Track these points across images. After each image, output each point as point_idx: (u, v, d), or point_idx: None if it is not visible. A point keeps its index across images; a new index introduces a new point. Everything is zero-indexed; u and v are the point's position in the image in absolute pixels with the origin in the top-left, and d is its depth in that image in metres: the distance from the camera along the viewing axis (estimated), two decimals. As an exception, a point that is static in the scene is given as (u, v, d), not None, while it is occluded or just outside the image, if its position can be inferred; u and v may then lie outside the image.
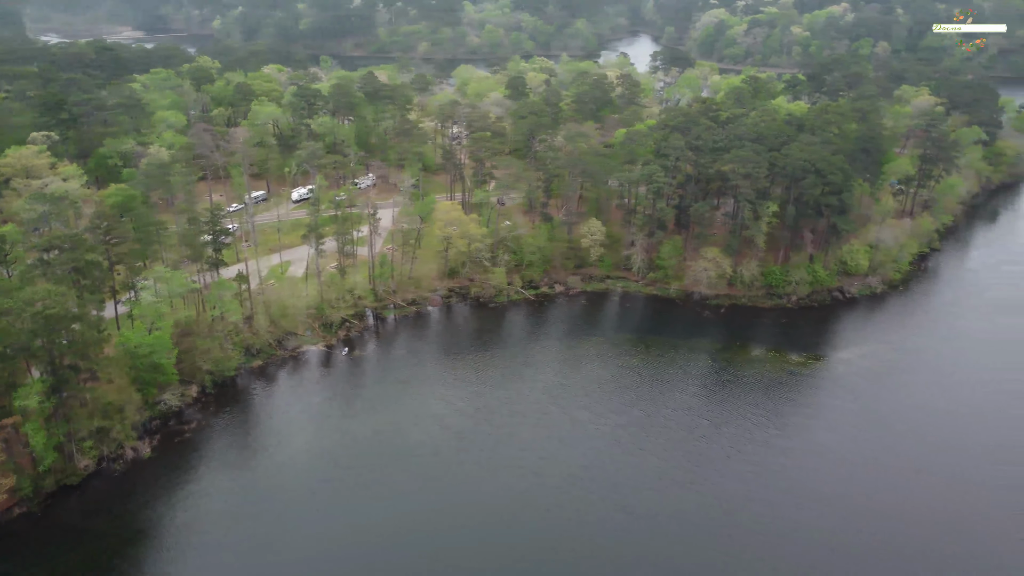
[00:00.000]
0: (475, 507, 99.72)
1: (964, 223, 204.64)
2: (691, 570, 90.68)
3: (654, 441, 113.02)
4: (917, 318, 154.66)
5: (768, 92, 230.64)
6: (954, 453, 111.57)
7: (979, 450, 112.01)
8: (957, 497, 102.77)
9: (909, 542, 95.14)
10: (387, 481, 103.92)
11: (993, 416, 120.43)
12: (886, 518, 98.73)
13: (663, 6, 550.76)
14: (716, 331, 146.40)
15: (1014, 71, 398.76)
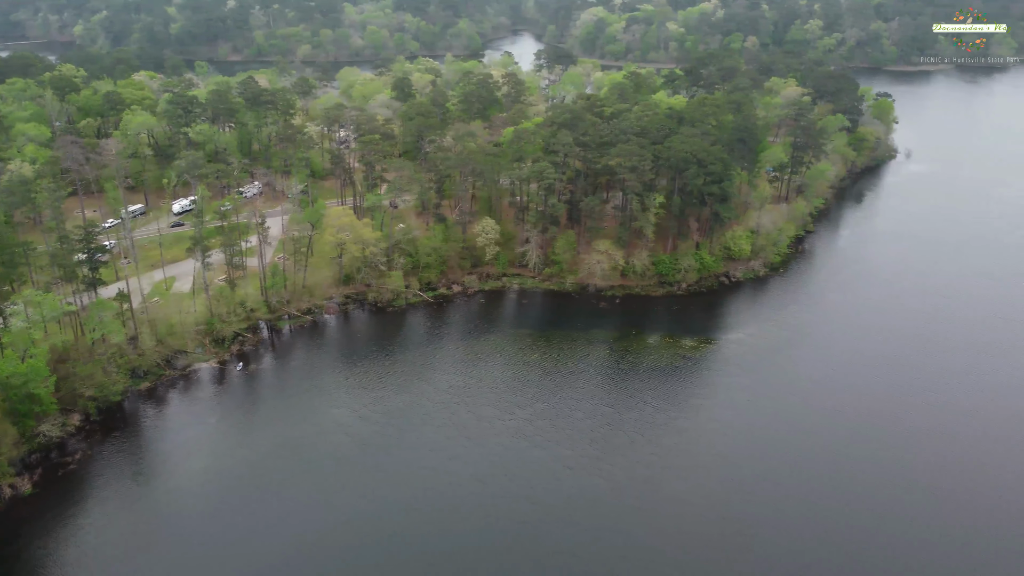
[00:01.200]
0: (386, 513, 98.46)
1: (834, 205, 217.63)
2: (604, 555, 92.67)
3: (560, 432, 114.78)
4: (797, 296, 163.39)
5: (649, 87, 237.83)
6: (836, 418, 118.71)
7: (856, 414, 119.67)
8: (839, 457, 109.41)
9: (798, 503, 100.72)
10: (292, 496, 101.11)
11: (865, 383, 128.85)
12: (779, 483, 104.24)
13: (543, 5, 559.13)
14: (612, 321, 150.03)
15: (870, 61, 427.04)
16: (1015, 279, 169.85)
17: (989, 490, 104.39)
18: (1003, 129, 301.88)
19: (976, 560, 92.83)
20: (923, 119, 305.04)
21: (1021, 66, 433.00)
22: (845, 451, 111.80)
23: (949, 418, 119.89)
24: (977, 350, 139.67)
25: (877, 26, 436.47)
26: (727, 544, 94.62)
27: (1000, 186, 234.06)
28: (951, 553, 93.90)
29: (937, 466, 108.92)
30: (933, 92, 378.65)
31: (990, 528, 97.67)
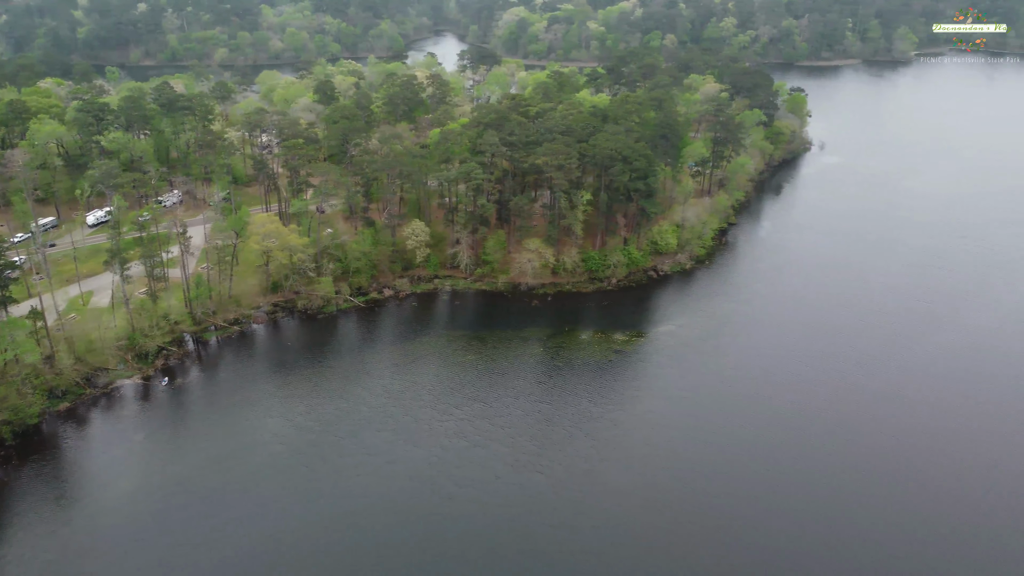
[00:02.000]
0: (327, 521, 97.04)
1: (754, 197, 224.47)
2: (549, 550, 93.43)
3: (499, 431, 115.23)
4: (723, 287, 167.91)
5: (572, 86, 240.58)
6: (763, 404, 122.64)
7: (782, 400, 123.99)
8: (768, 442, 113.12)
9: (731, 489, 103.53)
10: (227, 511, 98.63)
11: (789, 369, 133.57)
12: (712, 470, 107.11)
13: (465, 5, 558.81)
14: (545, 319, 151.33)
15: (783, 57, 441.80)
16: (926, 264, 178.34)
17: (910, 468, 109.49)
18: (907, 120, 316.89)
19: (902, 534, 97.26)
20: (834, 112, 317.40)
21: (921, 60, 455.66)
22: (773, 436, 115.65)
23: (871, 400, 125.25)
24: (893, 333, 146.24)
25: (788, 23, 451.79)
26: (666, 532, 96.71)
27: (907, 174, 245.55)
28: (878, 529, 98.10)
29: (862, 447, 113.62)
30: (842, 86, 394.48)
31: (909, 502, 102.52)
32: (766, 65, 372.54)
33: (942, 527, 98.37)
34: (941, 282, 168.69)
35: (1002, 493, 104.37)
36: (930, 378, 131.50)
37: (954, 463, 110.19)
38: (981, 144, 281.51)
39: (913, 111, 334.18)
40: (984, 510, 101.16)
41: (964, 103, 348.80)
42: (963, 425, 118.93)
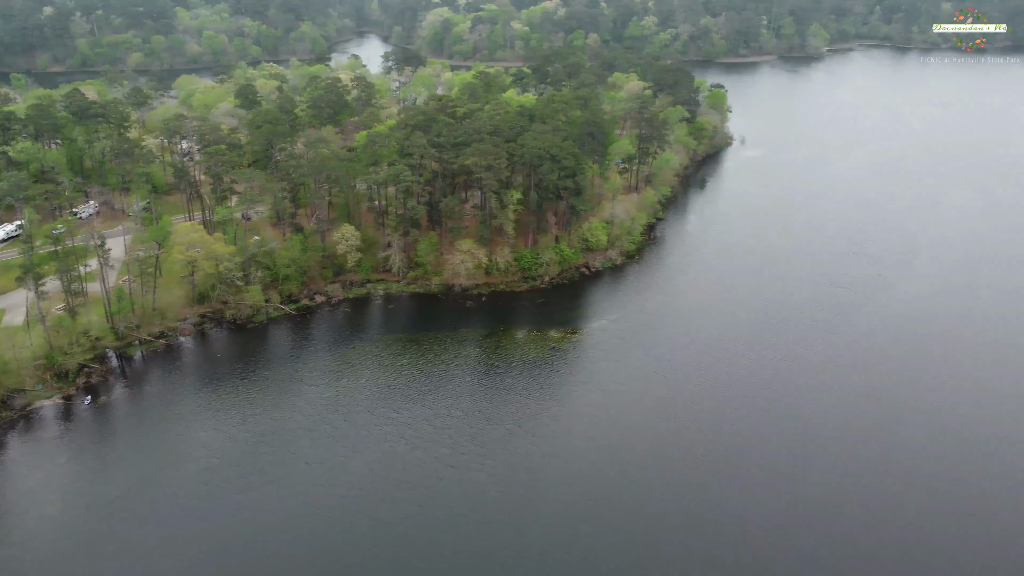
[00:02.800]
0: (267, 533, 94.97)
1: (681, 192, 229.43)
2: (493, 549, 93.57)
3: (439, 432, 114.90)
4: (653, 281, 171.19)
5: (499, 86, 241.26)
6: (697, 392, 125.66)
7: (715, 387, 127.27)
8: (703, 430, 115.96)
9: (667, 478, 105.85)
10: (161, 529, 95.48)
11: (721, 357, 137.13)
12: (649, 460, 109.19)
13: (388, 6, 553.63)
14: (480, 320, 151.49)
15: (702, 54, 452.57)
16: (845, 250, 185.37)
17: (842, 446, 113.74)
18: (822, 113, 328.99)
19: (831, 516, 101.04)
20: (753, 107, 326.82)
21: (833, 55, 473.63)
22: (708, 423, 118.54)
23: (802, 383, 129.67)
24: (818, 318, 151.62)
25: (707, 21, 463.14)
26: (610, 525, 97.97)
27: (823, 165, 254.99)
28: (810, 512, 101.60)
29: (794, 428, 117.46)
30: (760, 82, 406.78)
31: (842, 479, 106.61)
32: (687, 62, 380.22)
33: (864, 495, 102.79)
34: (860, 267, 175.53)
35: (917, 468, 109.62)
36: (854, 359, 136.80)
37: (878, 438, 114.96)
38: (890, 133, 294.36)
39: (827, 104, 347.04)
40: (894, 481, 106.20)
41: (872, 95, 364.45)
42: (888, 399, 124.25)
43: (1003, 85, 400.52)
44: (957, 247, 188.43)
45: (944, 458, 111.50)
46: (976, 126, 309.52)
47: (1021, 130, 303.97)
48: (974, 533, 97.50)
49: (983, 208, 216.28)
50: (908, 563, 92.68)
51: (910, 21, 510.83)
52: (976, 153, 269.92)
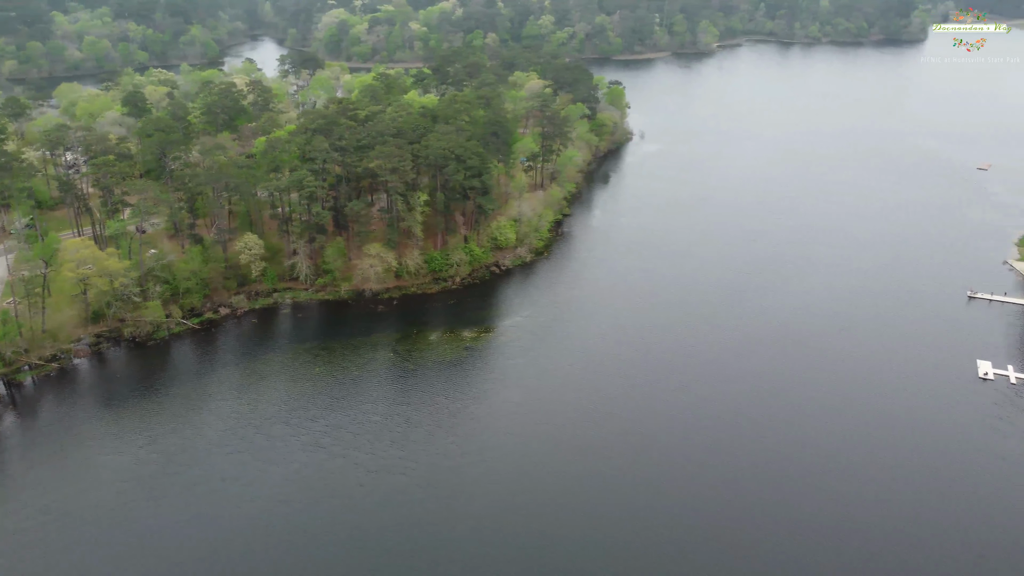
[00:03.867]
0: (186, 555, 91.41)
1: (585, 188, 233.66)
2: (420, 551, 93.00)
3: (359, 438, 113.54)
4: (562, 276, 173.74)
5: (400, 87, 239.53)
6: (610, 380, 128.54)
7: (627, 376, 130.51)
8: (619, 418, 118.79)
9: (587, 469, 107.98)
10: (71, 561, 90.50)
11: (631, 346, 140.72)
12: (567, 452, 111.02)
13: (281, 8, 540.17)
14: (393, 324, 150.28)
15: (599, 52, 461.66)
16: (743, 237, 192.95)
17: (756, 425, 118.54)
18: (715, 106, 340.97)
19: (749, 497, 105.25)
20: (651, 103, 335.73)
21: (723, 50, 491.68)
22: (624, 411, 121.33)
23: (714, 363, 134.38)
24: (723, 299, 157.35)
25: (602, 19, 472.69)
26: (532, 518, 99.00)
27: (719, 156, 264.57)
28: (729, 494, 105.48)
29: (711, 412, 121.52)
30: (656, 78, 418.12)
31: (760, 461, 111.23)
32: (584, 60, 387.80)
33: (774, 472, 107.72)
34: (758, 252, 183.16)
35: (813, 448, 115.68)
36: (763, 340, 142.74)
37: (790, 415, 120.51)
38: (779, 124, 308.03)
39: (720, 98, 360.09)
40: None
41: (761, 88, 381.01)
42: (797, 374, 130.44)
43: (877, 75, 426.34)
44: (846, 229, 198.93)
45: (849, 431, 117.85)
46: (855, 114, 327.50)
47: (892, 116, 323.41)
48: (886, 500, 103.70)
49: (864, 191, 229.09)
50: (833, 542, 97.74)
51: (792, 17, 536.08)
52: (855, 139, 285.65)
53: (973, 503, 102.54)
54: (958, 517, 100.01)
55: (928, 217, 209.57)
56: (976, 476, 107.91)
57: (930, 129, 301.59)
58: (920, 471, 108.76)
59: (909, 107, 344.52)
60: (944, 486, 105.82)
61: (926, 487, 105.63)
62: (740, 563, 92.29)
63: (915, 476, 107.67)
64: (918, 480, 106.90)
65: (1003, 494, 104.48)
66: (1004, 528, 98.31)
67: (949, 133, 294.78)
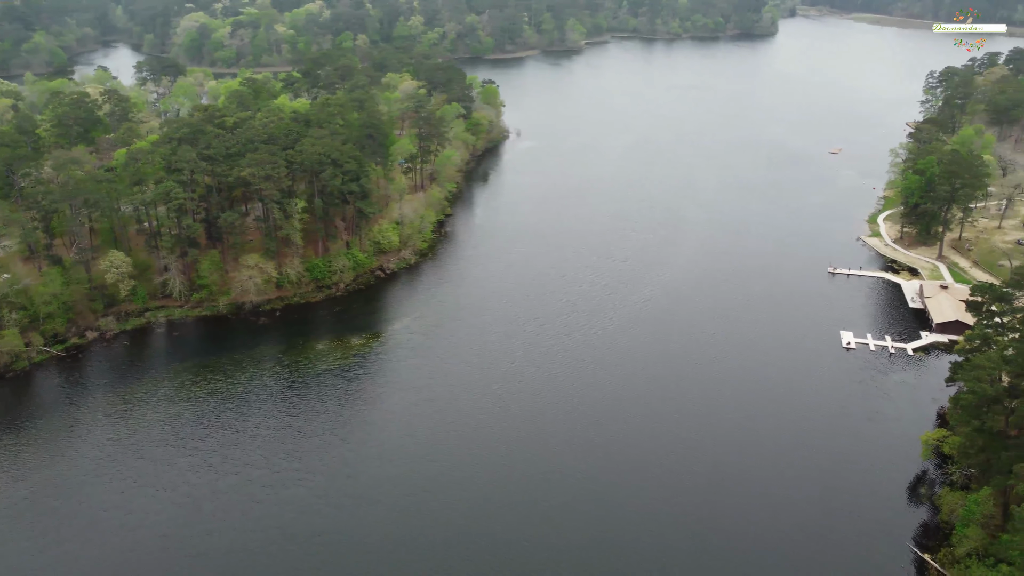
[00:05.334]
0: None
1: (465, 187, 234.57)
2: (320, 561, 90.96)
3: (251, 454, 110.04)
4: (448, 275, 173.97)
5: (269, 92, 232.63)
6: (499, 374, 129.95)
7: (515, 368, 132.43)
8: (509, 409, 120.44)
9: (483, 459, 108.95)
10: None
11: (517, 339, 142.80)
12: (463, 446, 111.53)
13: (135, 12, 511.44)
14: (277, 336, 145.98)
15: (471, 52, 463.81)
16: (619, 227, 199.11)
17: (642, 408, 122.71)
18: (586, 101, 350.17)
19: (643, 479, 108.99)
20: (525, 100, 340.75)
21: (591, 47, 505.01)
22: (519, 406, 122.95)
23: (599, 349, 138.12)
24: (604, 287, 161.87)
25: (472, 19, 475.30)
26: (432, 515, 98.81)
27: (592, 150, 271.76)
28: (622, 478, 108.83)
29: (600, 398, 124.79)
30: (528, 75, 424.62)
31: (651, 445, 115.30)
32: (457, 60, 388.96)
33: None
34: (634, 241, 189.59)
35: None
36: (640, 326, 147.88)
37: (675, 395, 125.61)
38: (646, 117, 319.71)
39: (590, 93, 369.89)
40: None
41: (628, 83, 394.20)
42: (677, 355, 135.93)
43: (734, 68, 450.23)
44: (712, 214, 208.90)
45: (730, 403, 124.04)
46: (714, 105, 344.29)
47: (750, 106, 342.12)
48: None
49: (727, 178, 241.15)
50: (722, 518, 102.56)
51: (654, 14, 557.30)
52: (717, 129, 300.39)
53: (850, 458, 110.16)
54: (835, 471, 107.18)
55: (787, 200, 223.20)
56: (849, 434, 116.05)
57: (784, 117, 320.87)
58: (798, 434, 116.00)
59: (765, 97, 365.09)
60: (820, 444, 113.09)
61: (805, 448, 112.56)
62: (629, 531, 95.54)
63: (793, 439, 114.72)
64: (797, 442, 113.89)
65: (874, 448, 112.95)
66: (875, 472, 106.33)
67: (802, 121, 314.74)
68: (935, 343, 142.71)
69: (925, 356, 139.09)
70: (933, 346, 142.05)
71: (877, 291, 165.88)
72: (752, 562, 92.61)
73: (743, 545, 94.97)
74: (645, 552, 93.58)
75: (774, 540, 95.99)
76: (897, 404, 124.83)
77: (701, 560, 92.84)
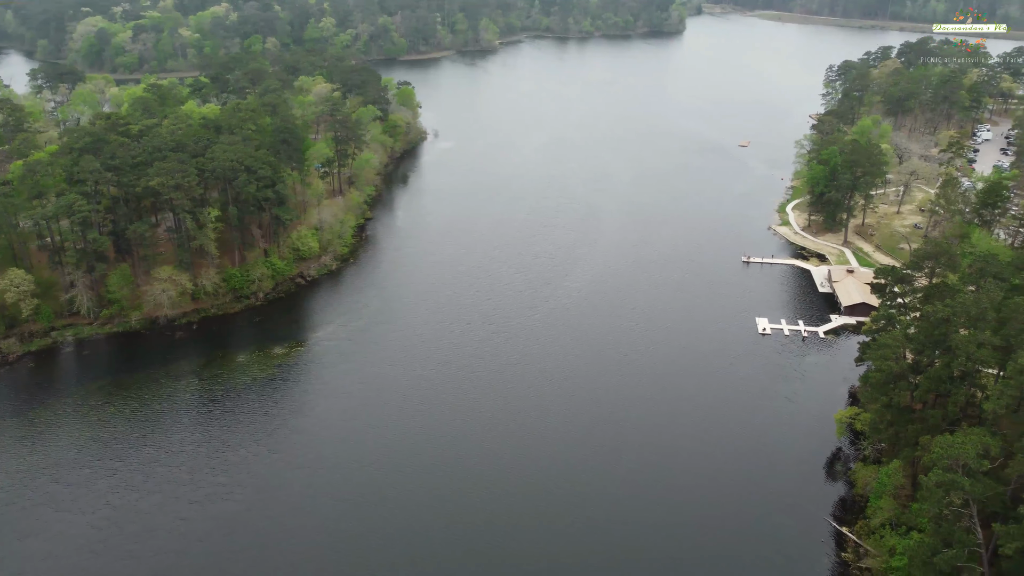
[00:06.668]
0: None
1: (385, 190, 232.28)
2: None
3: (173, 472, 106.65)
4: (371, 280, 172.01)
5: (176, 98, 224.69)
6: (428, 375, 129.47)
7: (445, 367, 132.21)
8: (444, 410, 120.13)
9: (413, 461, 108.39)
10: None
11: (443, 339, 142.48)
12: (397, 448, 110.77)
13: (27, 16, 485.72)
14: (195, 350, 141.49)
15: (385, 53, 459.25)
16: (541, 220, 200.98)
17: (558, 396, 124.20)
18: (502, 101, 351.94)
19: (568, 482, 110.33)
20: (441, 101, 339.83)
21: (505, 47, 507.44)
22: (448, 406, 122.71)
23: (526, 345, 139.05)
24: (527, 285, 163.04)
25: (384, 20, 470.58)
26: (363, 521, 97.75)
27: (510, 148, 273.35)
28: (558, 478, 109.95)
29: (526, 395, 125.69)
30: (443, 76, 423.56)
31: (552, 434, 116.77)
32: (371, 62, 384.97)
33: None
34: (558, 237, 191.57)
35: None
36: (563, 320, 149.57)
37: (594, 389, 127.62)
38: (562, 114, 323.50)
39: (506, 93, 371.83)
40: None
41: (543, 81, 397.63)
42: (594, 349, 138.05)
43: (644, 65, 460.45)
44: (628, 207, 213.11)
45: (652, 391, 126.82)
46: (627, 100, 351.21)
47: (661, 101, 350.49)
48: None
49: (642, 172, 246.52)
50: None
51: (566, 13, 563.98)
52: (630, 124, 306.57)
53: (768, 439, 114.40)
54: (755, 452, 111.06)
55: (701, 192, 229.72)
56: (768, 416, 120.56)
57: (695, 111, 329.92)
58: (717, 419, 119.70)
59: (676, 92, 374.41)
60: (739, 428, 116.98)
61: (725, 432, 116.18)
62: (551, 522, 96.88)
63: (713, 423, 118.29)
64: (717, 426, 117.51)
65: (791, 428, 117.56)
66: (794, 451, 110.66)
67: (712, 114, 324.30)
68: (844, 325, 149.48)
69: (836, 338, 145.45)
70: (843, 328, 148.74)
71: (789, 278, 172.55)
72: (676, 542, 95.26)
73: (666, 528, 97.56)
74: (568, 538, 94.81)
75: (697, 520, 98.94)
76: (811, 385, 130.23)
77: (624, 542, 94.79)
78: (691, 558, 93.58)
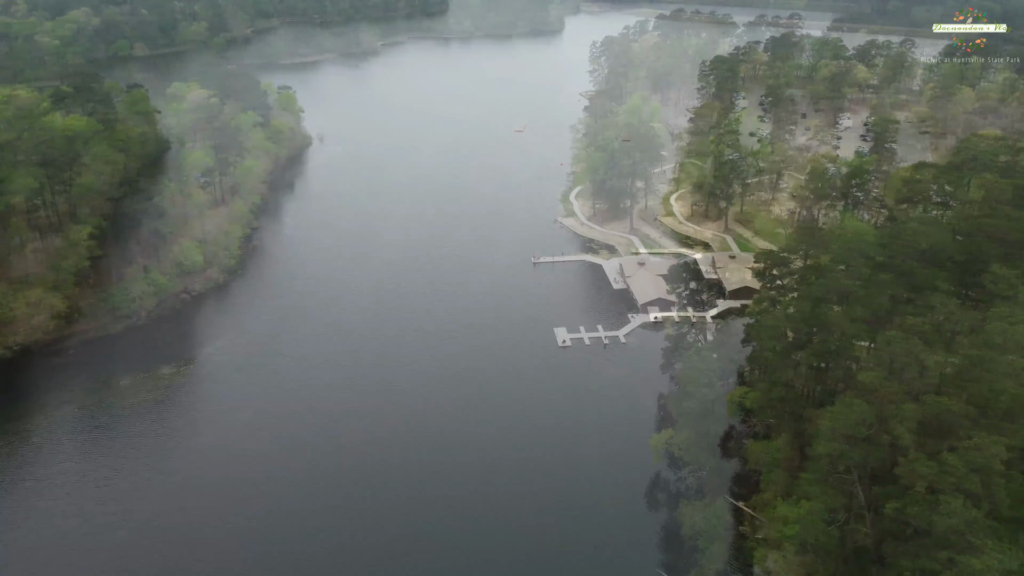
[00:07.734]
0: None
1: (271, 198, 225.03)
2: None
3: (58, 505, 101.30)
4: (261, 291, 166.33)
5: (37, 110, 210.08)
6: (330, 384, 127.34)
7: (342, 377, 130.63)
8: (341, 415, 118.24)
9: (315, 466, 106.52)
10: None
11: (340, 348, 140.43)
12: (299, 455, 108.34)
13: None
14: (74, 376, 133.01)
15: (264, 57, 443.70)
16: (439, 225, 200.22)
17: (464, 414, 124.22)
18: (387, 103, 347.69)
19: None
20: (324, 105, 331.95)
21: (387, 49, 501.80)
22: (352, 414, 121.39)
23: (428, 349, 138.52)
24: (427, 286, 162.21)
25: (260, 22, 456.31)
26: (265, 542, 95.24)
27: (399, 151, 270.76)
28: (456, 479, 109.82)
29: (434, 398, 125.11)
30: (325, 79, 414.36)
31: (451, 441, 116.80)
32: (249, 67, 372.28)
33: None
34: (455, 241, 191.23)
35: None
36: (471, 321, 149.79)
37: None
38: (450, 114, 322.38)
39: (391, 94, 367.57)
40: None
41: (429, 81, 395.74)
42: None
43: (533, 62, 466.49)
44: (524, 210, 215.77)
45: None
46: (514, 98, 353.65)
47: (548, 98, 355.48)
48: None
49: (530, 175, 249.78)
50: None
51: (448, 14, 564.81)
52: (518, 121, 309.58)
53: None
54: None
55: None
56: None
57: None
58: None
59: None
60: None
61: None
62: (442, 526, 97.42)
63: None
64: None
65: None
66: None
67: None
68: (729, 309, 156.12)
69: (723, 321, 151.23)
70: (728, 312, 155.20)
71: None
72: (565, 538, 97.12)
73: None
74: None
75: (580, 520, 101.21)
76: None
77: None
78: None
